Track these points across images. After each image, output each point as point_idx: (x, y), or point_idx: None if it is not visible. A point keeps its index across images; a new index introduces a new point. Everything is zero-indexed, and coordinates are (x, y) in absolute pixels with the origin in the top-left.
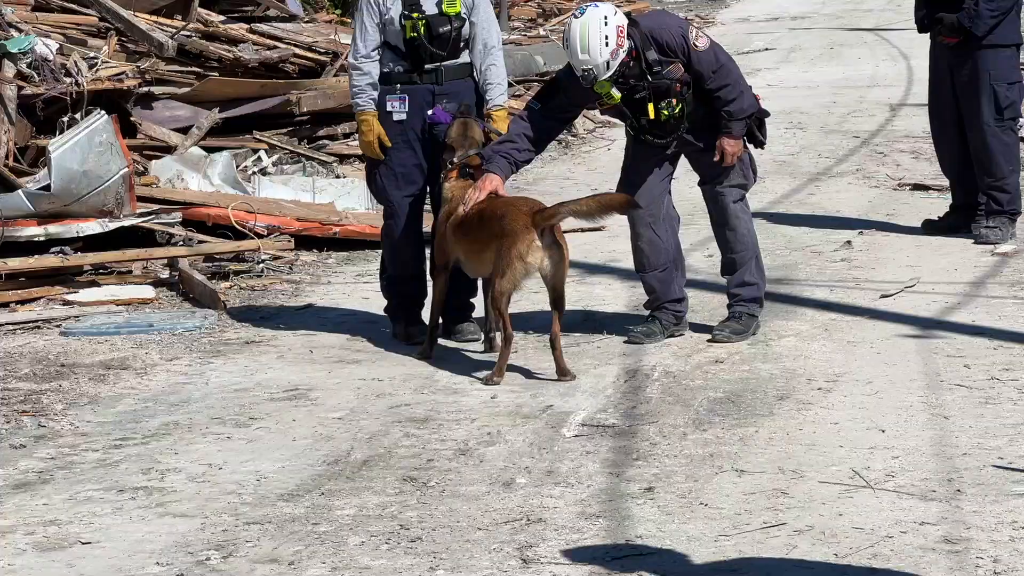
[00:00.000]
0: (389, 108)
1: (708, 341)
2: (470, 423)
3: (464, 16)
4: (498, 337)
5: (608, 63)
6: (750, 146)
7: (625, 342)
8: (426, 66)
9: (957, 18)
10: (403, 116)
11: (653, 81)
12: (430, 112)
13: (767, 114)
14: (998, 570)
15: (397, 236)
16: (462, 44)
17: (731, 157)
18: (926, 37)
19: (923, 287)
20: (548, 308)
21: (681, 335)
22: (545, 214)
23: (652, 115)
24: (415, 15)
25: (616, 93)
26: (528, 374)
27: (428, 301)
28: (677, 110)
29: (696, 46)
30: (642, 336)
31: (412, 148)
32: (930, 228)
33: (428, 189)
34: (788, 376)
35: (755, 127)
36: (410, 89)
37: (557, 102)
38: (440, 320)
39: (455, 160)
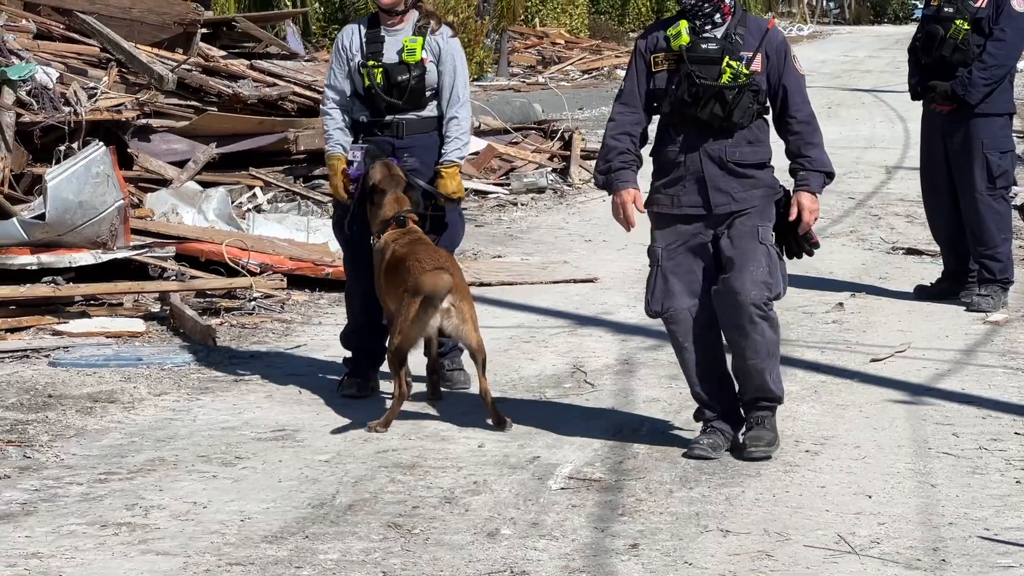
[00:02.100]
0: (350, 158)
1: (736, 458)
2: (456, 471)
3: (425, 66)
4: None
5: None
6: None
7: (685, 455)
8: (386, 117)
9: (951, 86)
10: (363, 167)
11: (730, 42)
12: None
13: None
14: None
15: (358, 292)
16: (428, 94)
17: (809, 215)
18: (917, 101)
19: (913, 353)
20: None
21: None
22: (446, 273)
23: (725, 76)
24: (371, 63)
25: (686, 35)
26: (515, 424)
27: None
28: (743, 80)
29: (795, 61)
30: (708, 449)
31: None
32: (922, 294)
33: None
34: None
35: (798, 238)
36: (371, 142)
37: (631, 94)
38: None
39: (395, 218)
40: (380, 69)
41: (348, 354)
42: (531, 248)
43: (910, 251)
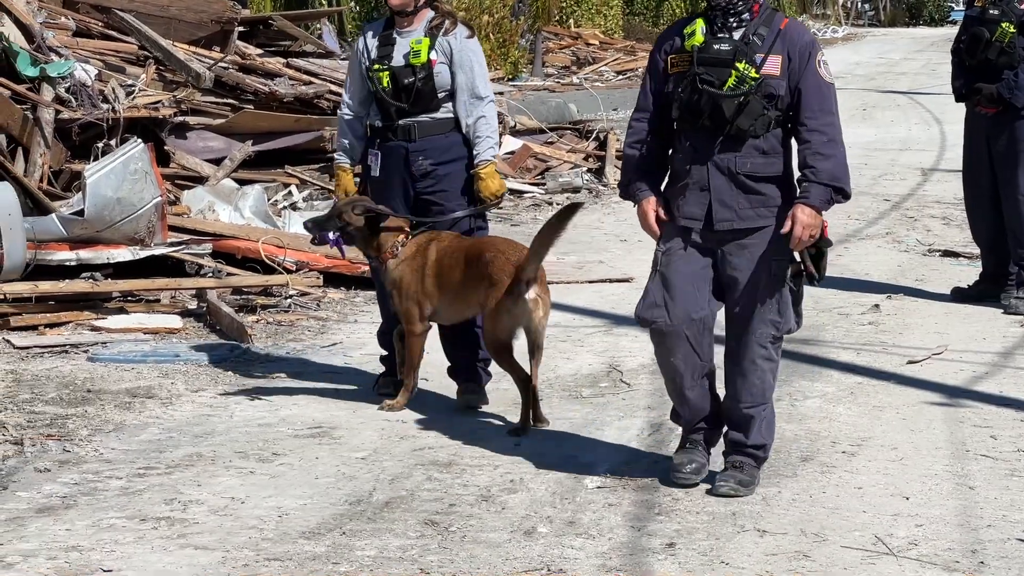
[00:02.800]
0: (369, 162)
1: (707, 493)
2: (493, 469)
3: (436, 68)
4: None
5: None
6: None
7: (664, 482)
8: (399, 122)
9: (996, 88)
10: (376, 172)
11: (746, 43)
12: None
13: (829, 243)
14: None
15: (380, 293)
16: (440, 96)
17: (803, 231)
18: (960, 103)
19: (951, 355)
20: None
21: None
22: (530, 263)
23: (731, 79)
24: (377, 67)
25: (700, 34)
26: (551, 423)
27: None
28: (750, 84)
29: (820, 65)
30: (692, 476)
31: (396, 211)
32: (959, 296)
33: None
34: (813, 438)
35: (812, 258)
36: (385, 147)
37: (645, 96)
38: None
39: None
40: (387, 72)
41: (384, 353)
42: (567, 248)
43: (946, 253)
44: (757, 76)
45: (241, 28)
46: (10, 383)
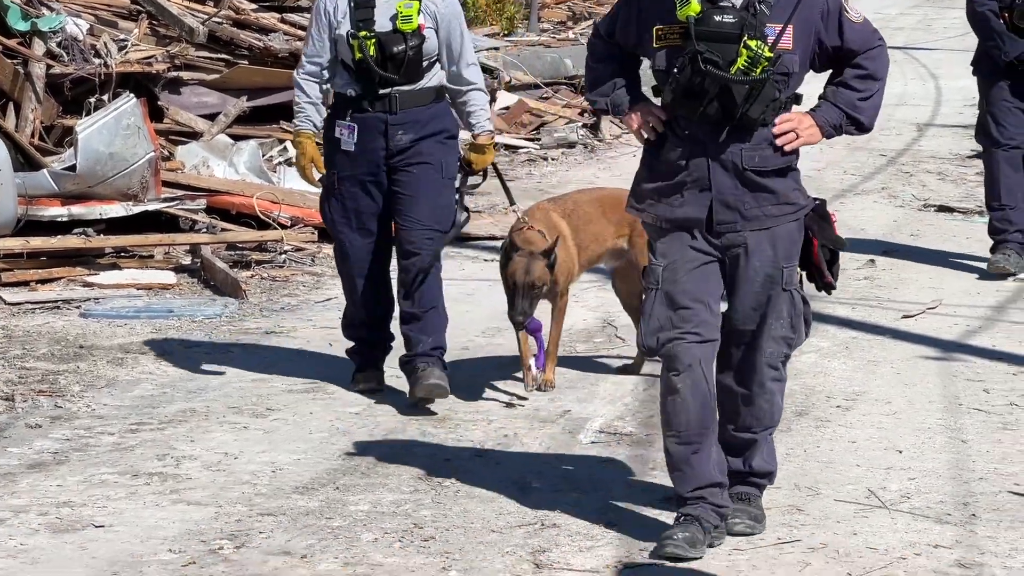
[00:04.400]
0: (337, 135)
1: (733, 534)
2: (487, 425)
3: (425, 34)
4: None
5: None
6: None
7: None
8: (379, 91)
9: None
10: (351, 147)
11: (752, 14)
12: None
13: (843, 244)
14: None
15: (351, 278)
16: (424, 64)
17: (790, 124)
18: (951, 57)
19: (945, 309)
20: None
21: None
22: None
23: (741, 59)
24: (363, 33)
25: (696, 2)
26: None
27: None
28: (764, 65)
29: (850, 15)
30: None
31: (365, 189)
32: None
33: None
34: (807, 392)
35: (825, 264)
36: (360, 118)
37: (616, 39)
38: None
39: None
40: (373, 40)
41: (351, 344)
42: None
43: (942, 208)
44: (771, 55)
45: None
46: (1, 339)
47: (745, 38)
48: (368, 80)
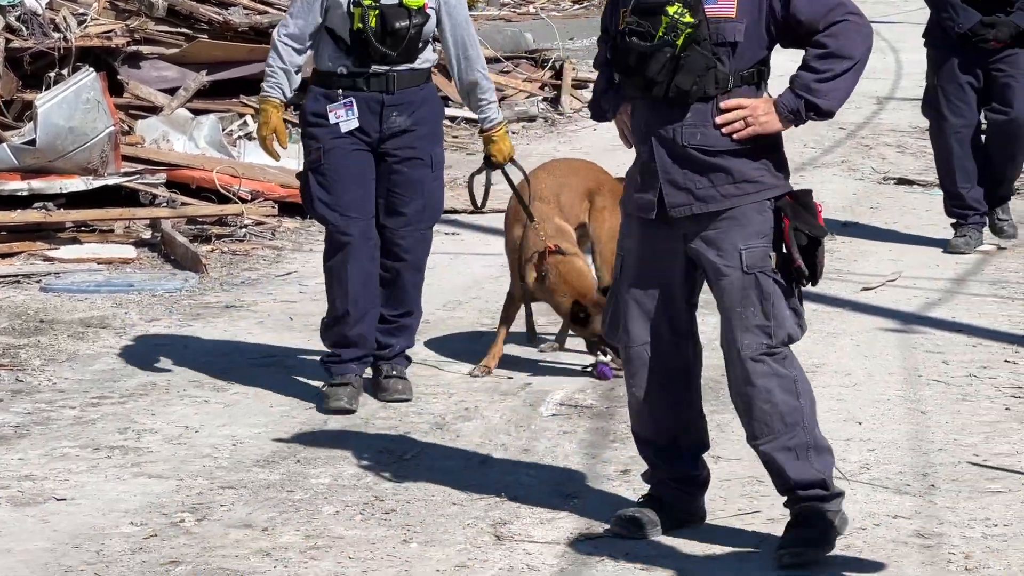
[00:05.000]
0: (334, 120)
1: (782, 567)
2: (447, 398)
3: (428, 12)
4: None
5: None
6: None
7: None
8: (374, 67)
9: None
10: (353, 124)
11: None
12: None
13: (824, 232)
14: (969, 566)
15: (337, 269)
16: (421, 45)
17: (741, 110)
18: (912, 30)
19: (904, 281)
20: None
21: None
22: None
23: (661, 28)
24: (367, 2)
25: None
26: (505, 351)
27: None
28: (685, 32)
29: None
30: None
31: (356, 158)
32: None
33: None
34: None
35: (803, 252)
36: (353, 97)
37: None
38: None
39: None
40: (376, 12)
41: (330, 351)
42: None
43: (901, 181)
44: (692, 20)
45: None
46: None
47: (667, 6)
48: (363, 56)
